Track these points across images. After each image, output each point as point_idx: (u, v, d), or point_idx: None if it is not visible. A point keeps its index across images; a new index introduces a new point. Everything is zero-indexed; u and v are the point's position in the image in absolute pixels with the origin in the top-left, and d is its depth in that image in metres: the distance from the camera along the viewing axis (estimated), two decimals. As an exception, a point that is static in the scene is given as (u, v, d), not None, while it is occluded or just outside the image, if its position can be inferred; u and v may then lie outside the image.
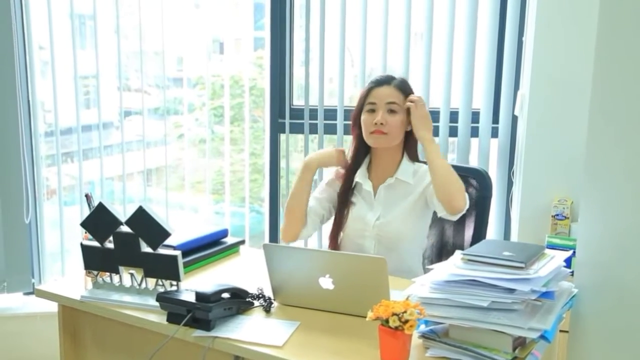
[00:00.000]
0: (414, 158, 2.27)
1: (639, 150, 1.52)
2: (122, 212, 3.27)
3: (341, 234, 2.27)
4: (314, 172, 2.26)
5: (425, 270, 2.05)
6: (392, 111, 2.17)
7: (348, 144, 3.23)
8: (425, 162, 2.24)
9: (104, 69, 3.29)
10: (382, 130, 2.16)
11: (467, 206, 2.11)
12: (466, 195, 2.11)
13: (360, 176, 2.27)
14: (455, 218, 2.12)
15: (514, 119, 2.97)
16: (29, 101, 3.27)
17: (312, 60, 3.12)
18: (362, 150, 2.27)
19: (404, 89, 2.21)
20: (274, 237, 3.26)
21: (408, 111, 2.18)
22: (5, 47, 3.13)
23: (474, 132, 3.03)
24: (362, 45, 3.07)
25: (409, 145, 2.25)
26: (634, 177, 1.53)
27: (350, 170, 2.28)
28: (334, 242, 2.28)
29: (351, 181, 2.27)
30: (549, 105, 2.71)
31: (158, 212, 1.85)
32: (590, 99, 1.63)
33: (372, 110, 2.18)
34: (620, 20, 1.54)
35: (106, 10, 3.24)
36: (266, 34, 3.20)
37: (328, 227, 2.33)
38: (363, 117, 2.20)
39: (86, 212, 1.94)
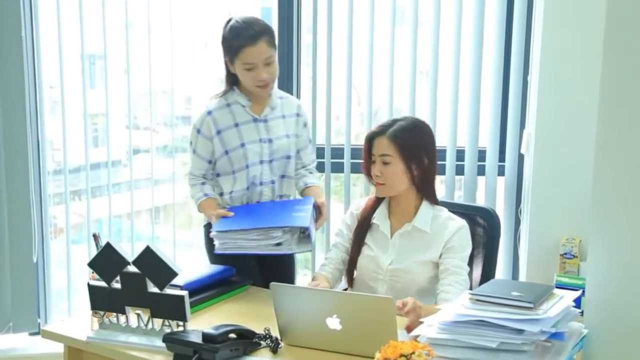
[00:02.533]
0: (434, 202, 2.24)
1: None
2: (131, 249, 3.27)
3: (355, 272, 2.27)
4: None
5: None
6: (385, 163, 2.16)
7: (354, 181, 3.25)
8: (443, 206, 2.24)
9: (113, 107, 3.33)
10: (379, 181, 2.18)
11: None
12: None
13: (379, 217, 2.26)
14: None
15: (520, 157, 2.98)
16: (38, 140, 3.29)
17: (318, 99, 3.15)
18: None
19: (398, 138, 2.15)
20: (280, 275, 3.25)
21: (404, 161, 2.15)
22: (17, 87, 3.17)
23: (481, 171, 3.03)
24: (369, 84, 3.09)
25: (425, 190, 2.22)
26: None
27: (368, 212, 2.28)
28: (350, 281, 2.29)
29: (368, 222, 2.27)
30: (555, 144, 2.72)
31: (166, 251, 1.86)
32: (595, 137, 1.63)
33: (373, 162, 2.20)
34: (625, 60, 1.55)
35: (116, 50, 3.29)
36: (273, 72, 3.23)
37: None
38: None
39: (94, 252, 1.94)
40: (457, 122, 3.03)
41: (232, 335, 1.73)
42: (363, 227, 2.28)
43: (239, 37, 2.38)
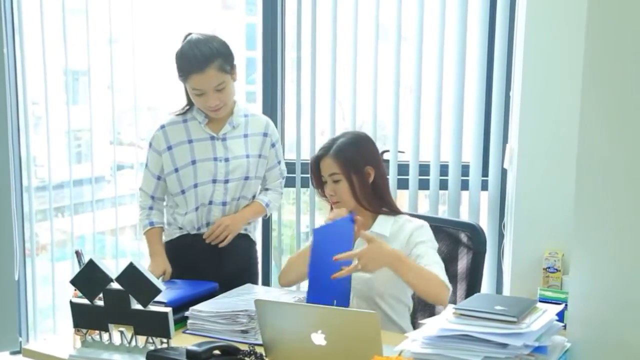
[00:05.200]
0: (393, 210, 2.24)
1: (628, 202, 1.54)
2: (115, 266, 3.25)
3: None
4: None
5: (417, 327, 2.03)
6: (335, 181, 2.17)
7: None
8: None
9: (96, 123, 3.32)
10: (334, 200, 2.20)
11: (449, 292, 2.07)
12: (447, 287, 2.05)
13: None
14: None
15: (504, 172, 3.00)
16: (20, 156, 3.27)
17: (303, 114, 3.16)
18: None
19: (341, 154, 2.16)
20: (265, 291, 3.24)
21: (348, 177, 2.15)
22: (-1, 103, 3.15)
23: (464, 185, 3.05)
24: (353, 99, 3.11)
25: (380, 199, 2.22)
26: (623, 229, 1.55)
27: None
28: None
29: None
30: (538, 158, 2.74)
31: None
32: (577, 151, 1.65)
33: (325, 182, 2.21)
34: (606, 75, 1.57)
35: (100, 66, 3.29)
36: (258, 87, 3.24)
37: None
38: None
39: (77, 269, 1.92)
40: (440, 137, 3.05)
41: (217, 352, 1.72)
42: None
43: (188, 63, 2.30)
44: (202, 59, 2.28)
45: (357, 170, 2.17)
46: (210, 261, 2.42)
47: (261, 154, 2.51)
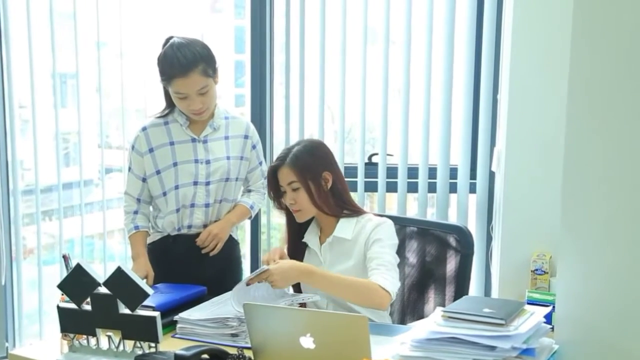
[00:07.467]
0: (356, 211, 2.25)
1: (615, 204, 1.55)
2: (103, 270, 3.24)
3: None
4: None
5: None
6: (294, 189, 2.18)
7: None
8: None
9: (84, 126, 3.31)
10: (295, 208, 2.21)
11: (392, 298, 2.06)
12: (380, 289, 2.04)
13: (309, 235, 2.29)
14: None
15: (491, 175, 3.01)
16: (7, 160, 3.25)
17: (292, 117, 3.16)
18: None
19: (298, 162, 2.17)
20: (255, 294, 3.23)
21: (305, 184, 2.16)
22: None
23: (453, 188, 3.06)
24: (342, 102, 3.11)
25: (341, 202, 2.23)
26: (610, 231, 1.55)
27: (291, 235, 2.31)
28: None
29: (296, 243, 2.30)
30: (525, 161, 2.75)
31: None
32: (564, 153, 1.66)
33: (284, 192, 2.21)
34: (592, 78, 1.59)
35: (88, 69, 3.27)
36: (247, 91, 3.24)
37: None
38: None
39: (64, 273, 1.91)
40: (429, 140, 3.06)
41: (205, 356, 1.71)
42: (297, 251, 2.30)
43: (171, 67, 2.31)
44: (186, 63, 2.29)
45: (314, 176, 2.19)
46: (193, 262, 2.43)
47: (243, 155, 2.52)
